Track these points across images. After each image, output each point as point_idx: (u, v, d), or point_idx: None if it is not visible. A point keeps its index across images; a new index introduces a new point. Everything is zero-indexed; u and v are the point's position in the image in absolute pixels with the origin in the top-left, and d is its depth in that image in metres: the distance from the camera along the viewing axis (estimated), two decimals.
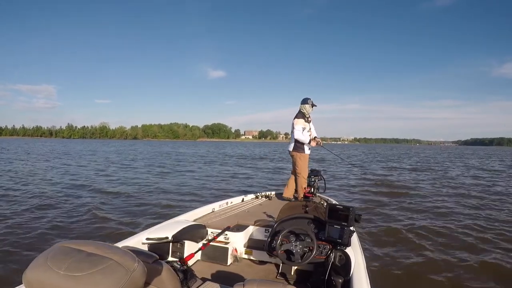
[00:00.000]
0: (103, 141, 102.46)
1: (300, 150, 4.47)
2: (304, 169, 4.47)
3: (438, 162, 24.94)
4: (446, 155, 39.92)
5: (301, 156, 4.46)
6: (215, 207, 3.61)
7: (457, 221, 6.14)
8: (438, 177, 13.86)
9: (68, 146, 40.09)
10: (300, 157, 4.46)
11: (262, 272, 2.60)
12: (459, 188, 10.86)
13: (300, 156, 4.46)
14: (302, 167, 4.45)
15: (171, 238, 2.32)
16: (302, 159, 4.46)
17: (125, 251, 0.91)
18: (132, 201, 6.95)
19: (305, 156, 4.49)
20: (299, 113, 4.49)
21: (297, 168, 4.46)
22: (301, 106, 4.52)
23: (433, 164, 21.70)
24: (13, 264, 3.60)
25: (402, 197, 8.88)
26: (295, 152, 4.48)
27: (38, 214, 5.56)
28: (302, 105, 4.52)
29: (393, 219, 6.21)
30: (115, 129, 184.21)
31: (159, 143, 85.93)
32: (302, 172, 4.44)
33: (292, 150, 4.53)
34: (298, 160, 4.46)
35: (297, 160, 4.47)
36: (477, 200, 8.41)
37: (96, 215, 5.72)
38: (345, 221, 2.25)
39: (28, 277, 0.82)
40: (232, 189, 9.22)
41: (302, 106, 4.52)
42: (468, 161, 27.13)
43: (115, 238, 4.32)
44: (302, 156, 4.47)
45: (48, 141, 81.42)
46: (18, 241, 4.29)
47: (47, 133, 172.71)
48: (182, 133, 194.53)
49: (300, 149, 4.47)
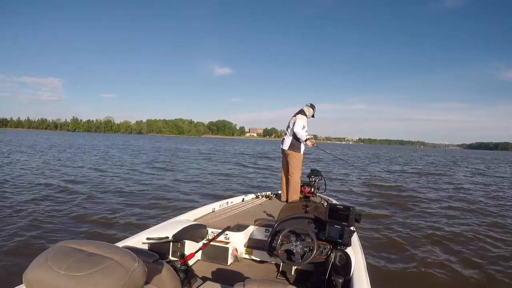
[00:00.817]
0: (107, 135, 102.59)
1: (296, 149, 4.28)
2: (298, 169, 4.30)
3: (445, 165, 24.78)
4: (450, 157, 39.53)
5: (296, 155, 4.29)
6: (216, 207, 3.61)
7: (460, 224, 6.13)
8: (443, 181, 13.86)
9: (71, 140, 39.87)
10: (295, 156, 4.28)
11: (262, 272, 2.61)
12: (462, 191, 10.87)
13: (295, 156, 4.28)
14: (296, 167, 4.28)
15: (172, 237, 2.32)
16: (297, 159, 4.30)
17: (125, 250, 0.91)
18: (132, 201, 6.95)
19: (300, 156, 4.33)
20: (302, 111, 4.36)
21: (291, 167, 4.26)
22: (306, 107, 4.45)
23: (441, 168, 21.54)
24: (13, 264, 3.60)
25: (404, 198, 8.88)
26: (291, 151, 4.28)
27: (37, 214, 5.55)
28: (307, 107, 4.45)
29: (394, 220, 6.21)
30: (120, 124, 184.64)
31: (163, 138, 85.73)
32: (296, 173, 4.26)
33: (287, 148, 4.30)
34: (293, 160, 4.28)
35: (292, 159, 4.28)
36: (483, 204, 8.35)
37: (96, 214, 5.72)
38: (345, 221, 2.25)
39: (28, 276, 0.82)
40: (233, 189, 9.22)
41: (306, 107, 4.45)
42: (475, 165, 26.66)
43: (115, 238, 4.33)
44: (297, 155, 4.30)
45: (53, 134, 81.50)
46: (18, 241, 4.29)
47: (52, 126, 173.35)
48: (187, 129, 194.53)
49: (296, 148, 4.28)
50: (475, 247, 4.77)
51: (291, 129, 4.27)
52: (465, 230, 5.59)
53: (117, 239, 2.76)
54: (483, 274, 3.86)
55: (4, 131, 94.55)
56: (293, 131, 4.24)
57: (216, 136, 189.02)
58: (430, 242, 4.91)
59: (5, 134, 59.90)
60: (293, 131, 4.23)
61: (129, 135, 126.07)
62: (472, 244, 4.91)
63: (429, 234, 5.31)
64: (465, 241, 5.03)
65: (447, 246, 4.76)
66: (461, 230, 5.58)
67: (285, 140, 4.36)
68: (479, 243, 4.95)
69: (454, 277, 3.77)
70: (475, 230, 5.62)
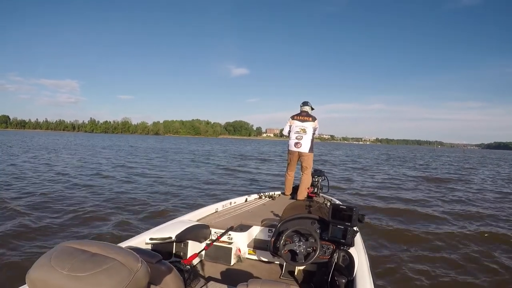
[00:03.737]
0: (124, 136, 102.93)
1: (312, 151, 4.62)
2: (311, 166, 4.67)
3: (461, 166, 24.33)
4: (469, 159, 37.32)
5: (312, 156, 4.63)
6: (219, 207, 3.61)
7: (465, 226, 6.07)
8: (448, 182, 13.75)
9: (88, 141, 40.12)
10: (311, 157, 4.61)
11: (265, 272, 2.60)
12: (471, 193, 10.79)
13: (311, 156, 4.61)
14: (311, 165, 4.61)
15: (175, 238, 2.32)
16: (312, 158, 4.65)
17: (128, 251, 0.91)
18: (135, 201, 6.97)
19: (313, 155, 4.70)
20: (313, 116, 4.62)
21: (308, 166, 4.55)
22: (309, 109, 4.69)
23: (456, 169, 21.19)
24: (16, 264, 3.61)
25: (407, 198, 8.84)
26: (311, 153, 4.58)
27: (38, 214, 5.58)
28: (310, 108, 4.69)
29: (397, 220, 6.18)
30: (137, 125, 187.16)
31: (180, 139, 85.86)
32: (310, 170, 4.57)
33: (308, 151, 4.55)
34: (311, 161, 4.60)
35: (309, 160, 4.57)
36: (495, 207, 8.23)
37: (99, 215, 5.74)
38: (348, 221, 2.24)
39: (31, 277, 0.83)
40: (236, 189, 9.22)
41: (310, 108, 4.69)
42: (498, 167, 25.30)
43: (118, 238, 4.34)
44: (312, 155, 4.64)
45: (72, 136, 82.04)
46: (21, 241, 4.31)
47: (70, 127, 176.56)
48: (204, 129, 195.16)
49: (312, 149, 4.61)
50: (482, 250, 4.66)
51: (311, 133, 4.54)
52: (472, 235, 5.49)
53: (120, 240, 2.77)
54: (490, 278, 3.79)
55: (23, 132, 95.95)
56: (312, 135, 4.55)
57: (232, 137, 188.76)
58: (434, 244, 4.88)
59: (22, 135, 60.23)
60: (314, 136, 4.59)
61: (145, 136, 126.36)
62: (479, 247, 4.79)
63: (433, 235, 5.28)
64: (469, 243, 4.96)
65: (452, 248, 4.72)
66: (468, 234, 5.49)
67: (304, 144, 4.52)
68: (492, 248, 4.81)
69: (458, 278, 3.74)
70: (488, 235, 5.49)
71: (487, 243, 4.96)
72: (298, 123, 4.54)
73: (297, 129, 4.53)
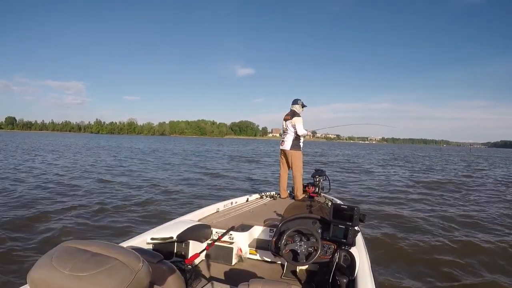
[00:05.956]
0: (130, 137, 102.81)
1: (297, 148, 4.62)
2: (301, 166, 4.63)
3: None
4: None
5: (298, 154, 4.62)
6: (220, 207, 3.61)
7: (466, 227, 6.03)
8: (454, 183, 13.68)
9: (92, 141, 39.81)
10: (297, 155, 4.61)
11: (267, 272, 2.60)
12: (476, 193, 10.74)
13: (297, 154, 4.61)
14: (299, 165, 4.59)
15: (176, 238, 2.32)
16: (299, 157, 4.64)
17: (129, 251, 0.91)
18: (136, 201, 6.98)
19: (301, 154, 4.69)
20: (296, 113, 4.64)
21: (295, 166, 4.58)
22: (296, 107, 4.72)
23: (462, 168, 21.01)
24: (17, 264, 3.62)
25: (409, 199, 8.81)
26: (293, 151, 4.58)
27: (39, 214, 5.59)
28: (297, 106, 4.73)
29: (399, 220, 6.14)
30: (142, 125, 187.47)
31: (186, 140, 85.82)
32: (300, 170, 4.56)
33: (290, 148, 4.59)
34: (296, 159, 4.60)
35: (295, 158, 4.59)
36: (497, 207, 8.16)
37: (100, 214, 5.75)
38: (349, 221, 2.24)
39: (32, 277, 0.83)
40: (237, 189, 9.22)
41: (297, 107, 4.72)
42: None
43: (119, 238, 4.34)
44: (299, 154, 4.64)
45: (76, 136, 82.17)
46: (21, 241, 4.32)
47: (76, 128, 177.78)
48: (209, 130, 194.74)
49: (297, 147, 4.62)
50: (486, 252, 4.58)
51: (292, 131, 4.59)
52: (474, 235, 5.47)
53: (121, 239, 2.77)
54: (492, 279, 3.76)
55: (28, 134, 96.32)
56: (294, 133, 4.58)
57: (238, 137, 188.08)
58: (435, 244, 4.85)
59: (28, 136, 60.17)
60: (296, 134, 4.57)
61: (151, 137, 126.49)
62: (483, 249, 4.71)
63: (434, 235, 5.26)
64: (470, 244, 4.90)
65: (454, 249, 4.69)
66: (470, 234, 5.46)
67: (286, 141, 4.66)
68: (495, 248, 4.74)
69: (459, 279, 3.72)
70: (493, 236, 5.44)
71: (502, 249, 4.79)
72: (284, 122, 4.74)
73: (283, 129, 4.76)
